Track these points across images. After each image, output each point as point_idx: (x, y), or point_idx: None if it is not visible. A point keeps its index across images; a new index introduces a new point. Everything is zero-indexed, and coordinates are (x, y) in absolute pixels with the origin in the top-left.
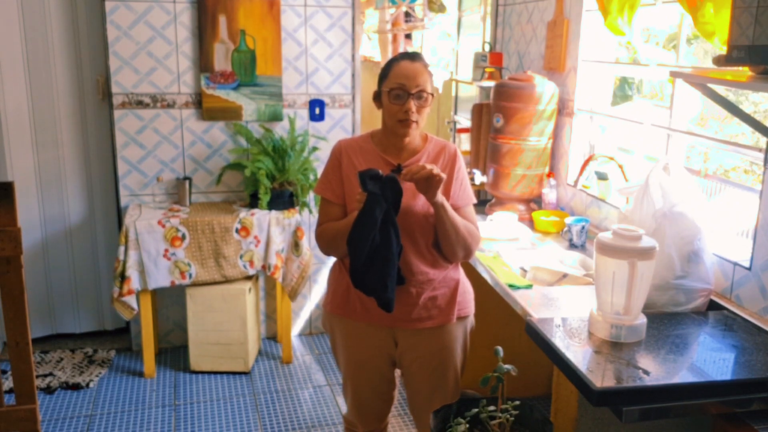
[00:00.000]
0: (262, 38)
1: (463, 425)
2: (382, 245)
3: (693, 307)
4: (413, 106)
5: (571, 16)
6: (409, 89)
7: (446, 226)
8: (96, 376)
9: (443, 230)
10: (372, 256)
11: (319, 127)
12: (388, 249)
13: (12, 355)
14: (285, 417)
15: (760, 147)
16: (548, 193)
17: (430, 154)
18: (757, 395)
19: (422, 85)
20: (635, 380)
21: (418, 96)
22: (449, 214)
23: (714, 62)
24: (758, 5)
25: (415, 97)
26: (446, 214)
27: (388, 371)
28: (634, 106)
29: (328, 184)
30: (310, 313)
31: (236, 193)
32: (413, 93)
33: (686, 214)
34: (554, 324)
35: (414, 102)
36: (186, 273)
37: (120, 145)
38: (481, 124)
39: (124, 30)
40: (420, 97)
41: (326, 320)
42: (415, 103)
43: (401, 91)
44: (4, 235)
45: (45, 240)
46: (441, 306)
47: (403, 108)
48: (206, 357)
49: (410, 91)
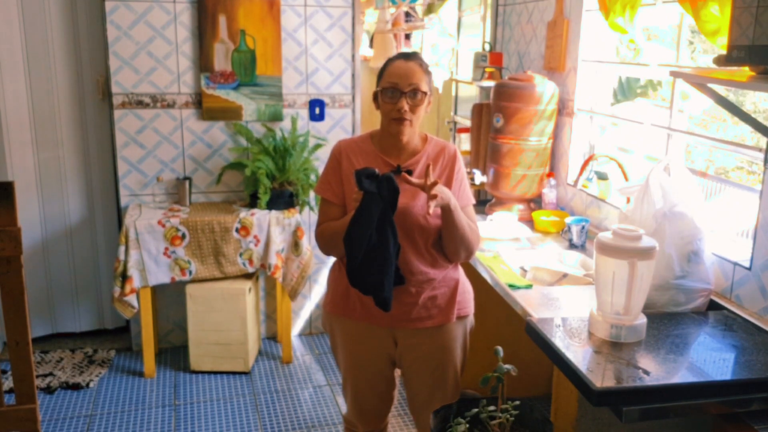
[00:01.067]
0: (262, 38)
1: (463, 425)
2: (380, 244)
3: (693, 307)
4: (406, 104)
5: (571, 16)
6: (402, 88)
7: (454, 228)
8: (96, 376)
9: (450, 232)
10: (369, 255)
11: (319, 127)
12: (386, 248)
13: (12, 355)
14: (285, 417)
15: (760, 147)
16: (548, 193)
17: (430, 154)
18: (757, 395)
19: (416, 83)
20: (635, 380)
21: (411, 95)
22: (458, 217)
23: (714, 62)
24: (758, 5)
25: (408, 96)
26: (457, 217)
27: (388, 371)
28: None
29: (328, 184)
30: (310, 313)
31: (236, 193)
32: (406, 92)
33: (686, 214)
34: (554, 324)
35: (407, 101)
36: (186, 270)
37: (120, 145)
38: (481, 124)
39: (124, 30)
40: (414, 95)
41: (326, 320)
42: (408, 102)
43: (394, 90)
44: (4, 235)
45: (45, 240)
46: (441, 305)
47: (396, 106)
48: (206, 357)
49: (403, 90)
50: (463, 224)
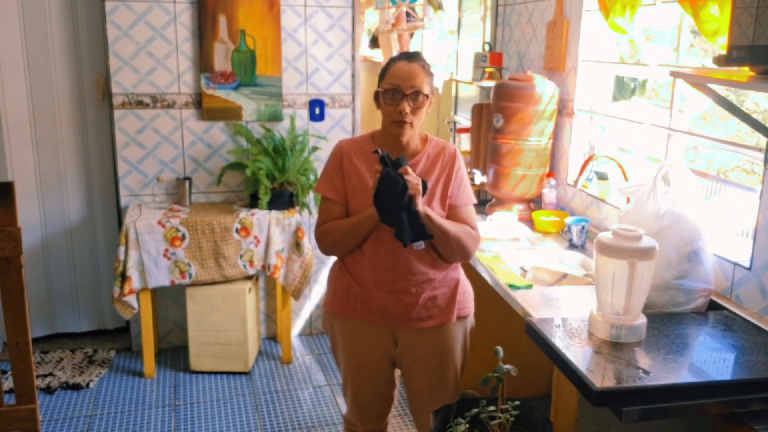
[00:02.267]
0: (262, 38)
1: (463, 425)
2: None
3: (693, 307)
4: (407, 107)
5: (571, 16)
6: (403, 90)
7: (439, 233)
8: (96, 376)
9: (437, 237)
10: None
11: (319, 127)
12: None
13: (12, 355)
14: (285, 417)
15: (760, 147)
16: (548, 193)
17: (430, 155)
18: (757, 395)
19: (418, 86)
20: (635, 380)
21: (413, 97)
22: (436, 222)
23: (714, 62)
24: (758, 5)
25: (410, 98)
26: (436, 223)
27: (388, 371)
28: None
29: (330, 183)
30: (310, 313)
31: (236, 193)
32: (408, 94)
33: (686, 215)
34: (554, 324)
35: (409, 103)
36: (186, 273)
37: (120, 145)
38: (481, 124)
39: (124, 30)
40: (415, 98)
41: (326, 320)
42: (410, 104)
43: (396, 92)
44: (4, 235)
45: (45, 240)
46: (441, 305)
47: (397, 108)
48: (206, 357)
49: (405, 92)
50: (446, 228)
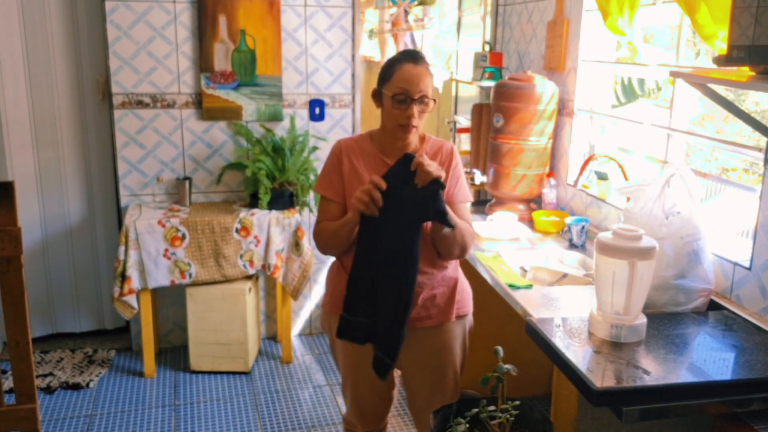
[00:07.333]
0: (262, 38)
1: (463, 425)
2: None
3: (693, 307)
4: (416, 111)
5: (571, 16)
6: (412, 95)
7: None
8: (96, 376)
9: (443, 234)
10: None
11: (319, 127)
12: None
13: (12, 355)
14: (285, 417)
15: (760, 147)
16: (548, 193)
17: (428, 153)
18: (757, 395)
19: (425, 90)
20: (635, 380)
21: (420, 101)
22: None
23: (714, 62)
24: (758, 5)
25: (417, 103)
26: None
27: None
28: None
29: (329, 182)
30: (310, 313)
31: (236, 193)
32: (416, 98)
33: (686, 215)
34: (554, 324)
35: (416, 107)
36: (186, 272)
37: (120, 145)
38: (481, 124)
39: (124, 30)
40: (422, 102)
41: (325, 320)
42: (417, 109)
43: (404, 97)
44: (4, 235)
45: (45, 240)
46: (440, 305)
47: (406, 113)
48: (206, 357)
49: (413, 97)
50: (457, 222)
